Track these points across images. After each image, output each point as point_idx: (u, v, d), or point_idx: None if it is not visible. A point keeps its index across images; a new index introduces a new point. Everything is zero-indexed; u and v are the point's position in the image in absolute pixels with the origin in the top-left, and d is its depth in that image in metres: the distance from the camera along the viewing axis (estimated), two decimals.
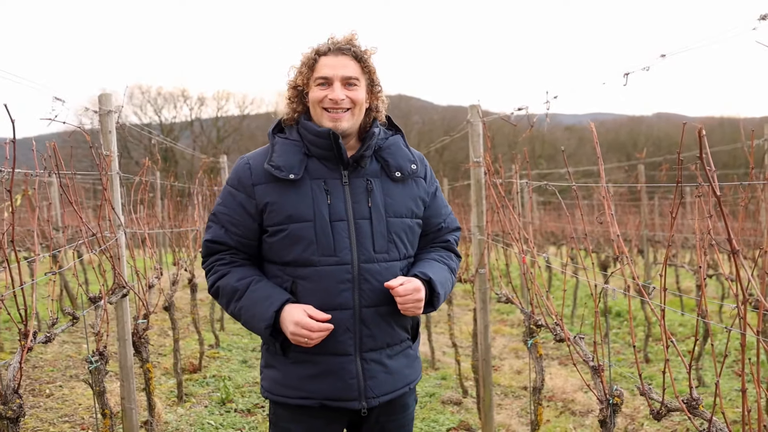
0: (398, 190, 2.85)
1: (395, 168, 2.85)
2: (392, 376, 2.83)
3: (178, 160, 39.73)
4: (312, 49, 2.82)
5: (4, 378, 2.98)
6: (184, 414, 6.26)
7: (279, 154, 2.78)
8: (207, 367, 8.09)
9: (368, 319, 2.75)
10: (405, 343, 2.91)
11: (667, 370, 2.69)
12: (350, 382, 2.74)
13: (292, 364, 2.80)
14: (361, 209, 2.76)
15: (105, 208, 4.58)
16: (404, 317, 2.85)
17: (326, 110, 2.75)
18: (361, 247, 2.74)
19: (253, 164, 2.83)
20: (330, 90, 2.74)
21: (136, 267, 4.95)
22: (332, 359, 2.74)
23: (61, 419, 6.06)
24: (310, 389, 2.77)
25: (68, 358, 8.37)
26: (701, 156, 2.04)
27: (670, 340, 2.70)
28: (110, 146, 4.84)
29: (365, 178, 2.81)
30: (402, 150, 2.92)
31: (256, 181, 2.79)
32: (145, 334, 4.92)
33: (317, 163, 2.78)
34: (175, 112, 52.59)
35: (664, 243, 13.34)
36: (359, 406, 2.75)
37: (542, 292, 4.10)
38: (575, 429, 6.04)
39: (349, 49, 2.79)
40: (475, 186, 5.41)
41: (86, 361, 3.98)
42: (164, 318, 10.59)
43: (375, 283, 2.74)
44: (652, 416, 2.89)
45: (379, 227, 2.77)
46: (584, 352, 3.43)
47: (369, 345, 2.77)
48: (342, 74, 2.75)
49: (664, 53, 2.99)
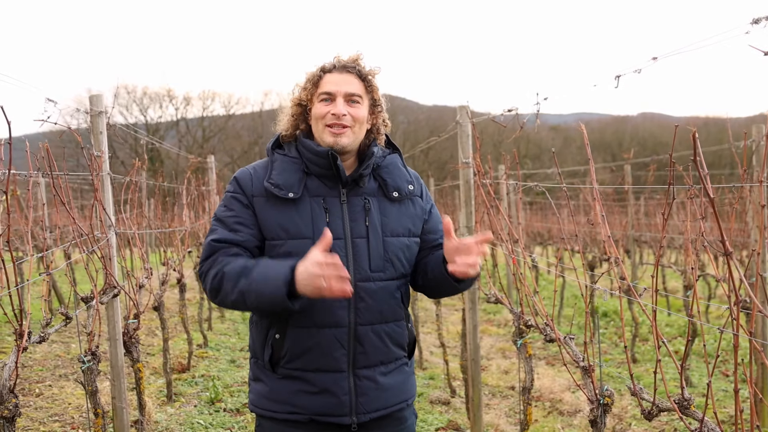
0: (395, 210, 2.86)
1: (393, 188, 2.87)
2: (384, 393, 2.82)
3: (164, 160, 39.64)
4: (317, 67, 2.85)
5: (1, 378, 2.99)
6: (174, 413, 6.27)
7: (278, 172, 2.80)
8: (195, 366, 8.09)
9: (363, 336, 2.74)
10: (400, 360, 2.91)
11: (658, 370, 2.72)
12: (342, 399, 2.74)
13: (280, 380, 2.79)
14: (359, 228, 2.78)
15: (96, 208, 4.59)
16: (400, 335, 2.87)
17: (328, 126, 2.76)
18: (358, 265, 2.74)
19: (255, 176, 2.84)
20: (333, 105, 2.76)
21: (126, 267, 4.95)
22: (325, 376, 2.73)
23: (52, 418, 6.06)
24: (299, 404, 2.76)
25: (57, 357, 8.35)
26: (695, 158, 2.07)
27: (662, 341, 2.72)
28: (101, 147, 4.84)
29: (363, 197, 2.82)
30: (399, 170, 2.94)
31: (256, 193, 2.79)
32: (136, 334, 4.93)
33: (316, 181, 2.80)
34: (161, 111, 52.41)
35: (650, 243, 13.43)
36: (349, 421, 2.75)
37: (532, 293, 4.13)
38: (563, 429, 6.08)
39: (354, 68, 2.82)
40: (464, 187, 5.44)
41: (79, 360, 3.98)
42: (151, 318, 10.58)
43: (370, 302, 2.74)
44: (643, 416, 2.90)
45: (375, 246, 2.77)
46: (574, 352, 3.45)
47: (362, 362, 2.76)
48: (345, 90, 2.77)
49: (656, 56, 3.01)
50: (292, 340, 2.73)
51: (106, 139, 4.95)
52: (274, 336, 2.76)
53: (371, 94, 2.88)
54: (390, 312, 2.81)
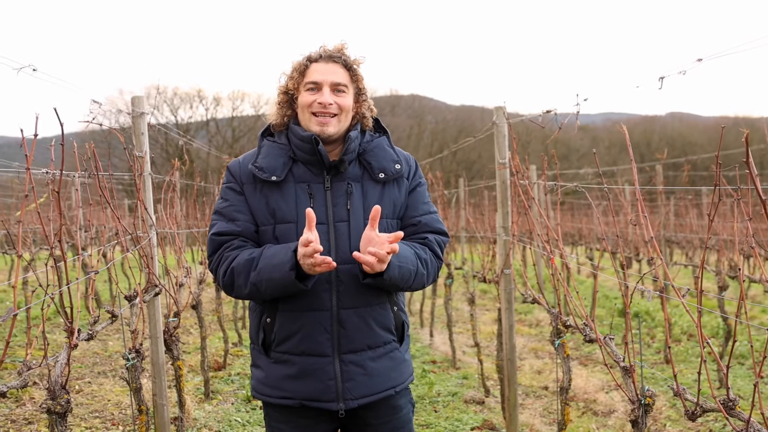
0: (378, 192, 2.90)
1: (378, 170, 2.91)
2: (372, 379, 2.85)
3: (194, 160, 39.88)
4: (304, 56, 2.92)
5: (52, 374, 3.05)
6: (212, 411, 6.34)
7: (264, 156, 2.89)
8: (231, 364, 8.17)
9: (346, 320, 2.79)
10: (390, 345, 2.93)
11: (702, 371, 2.72)
12: (328, 384, 2.78)
13: (273, 364, 2.85)
14: (340, 212, 2.83)
15: (139, 208, 4.65)
16: (385, 318, 2.89)
17: (314, 115, 2.84)
18: (339, 249, 2.78)
19: (242, 164, 2.95)
20: (319, 94, 2.84)
21: (167, 266, 5.01)
22: (310, 360, 2.79)
23: (92, 415, 6.15)
24: (289, 389, 2.82)
25: (95, 354, 8.48)
26: (747, 160, 2.08)
27: (706, 341, 2.73)
28: (143, 147, 4.90)
29: (346, 182, 2.87)
30: (386, 151, 2.98)
31: (245, 180, 2.90)
32: (176, 333, 5.00)
33: (302, 167, 2.87)
34: (191, 112, 52.75)
35: (682, 244, 13.34)
36: (336, 407, 2.79)
37: (572, 293, 4.13)
38: (598, 429, 6.07)
39: (339, 57, 2.90)
40: (501, 187, 5.45)
41: (123, 358, 4.05)
42: (186, 316, 10.67)
43: (352, 286, 2.78)
44: (687, 416, 2.90)
45: (356, 230, 2.80)
46: (614, 352, 3.45)
47: (347, 347, 2.80)
48: (331, 80, 2.85)
49: (701, 57, 3.00)
50: (279, 323, 2.81)
51: (147, 139, 5.02)
52: (266, 320, 2.85)
53: (356, 83, 2.95)
54: (372, 295, 2.83)
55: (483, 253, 7.19)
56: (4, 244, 11.71)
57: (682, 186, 10.83)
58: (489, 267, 6.77)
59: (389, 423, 2.97)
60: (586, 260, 14.63)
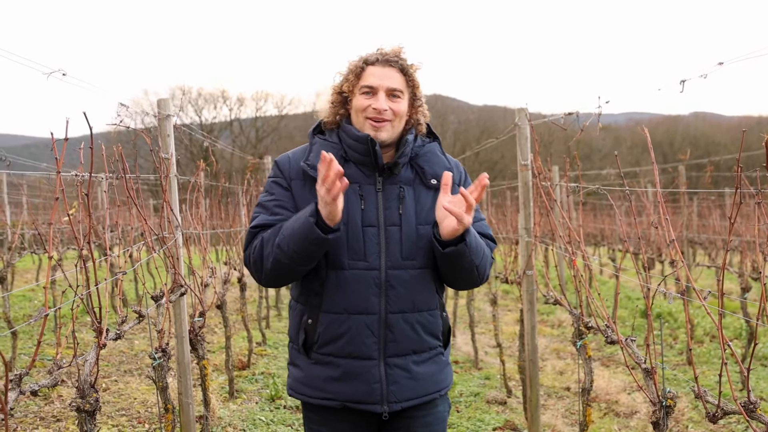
0: (431, 198, 2.84)
1: (431, 175, 2.87)
2: (417, 383, 2.83)
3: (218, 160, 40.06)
4: (360, 58, 2.86)
5: (82, 373, 3.10)
6: (236, 410, 6.41)
7: (316, 154, 2.81)
8: (255, 364, 8.23)
9: (393, 324, 2.75)
10: (435, 350, 2.90)
11: (723, 373, 2.73)
12: (373, 386, 2.76)
13: (314, 365, 2.83)
14: (392, 216, 2.79)
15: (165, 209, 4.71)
16: (433, 324, 2.87)
17: (368, 119, 2.79)
18: (390, 253, 2.75)
19: (293, 159, 2.90)
20: (374, 99, 2.78)
21: (192, 266, 5.07)
22: (356, 362, 2.76)
23: (119, 413, 6.23)
24: (332, 390, 2.80)
25: (121, 353, 8.58)
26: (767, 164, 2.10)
27: (727, 344, 2.73)
28: (168, 149, 4.95)
29: (398, 186, 2.83)
30: (438, 157, 2.94)
31: (294, 176, 2.85)
32: (201, 332, 5.05)
33: (354, 168, 2.82)
34: (215, 112, 53.04)
35: (705, 245, 13.28)
36: (381, 409, 2.77)
37: (594, 295, 4.15)
38: (620, 430, 6.08)
39: (396, 62, 2.83)
40: (523, 189, 5.47)
41: (150, 357, 4.10)
42: (210, 316, 10.76)
43: (401, 290, 2.75)
44: (707, 419, 2.90)
45: (408, 234, 2.77)
46: (636, 354, 3.46)
47: (393, 350, 2.77)
48: (387, 85, 2.79)
49: (722, 61, 3.01)
50: (324, 325, 2.77)
51: (173, 141, 5.07)
52: (307, 321, 2.82)
53: (412, 89, 2.88)
54: (422, 301, 2.81)
55: (505, 254, 7.21)
56: (33, 243, 11.85)
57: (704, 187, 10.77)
58: (511, 268, 6.79)
59: (427, 423, 2.94)
60: (609, 261, 14.60)
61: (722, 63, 3.01)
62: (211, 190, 8.50)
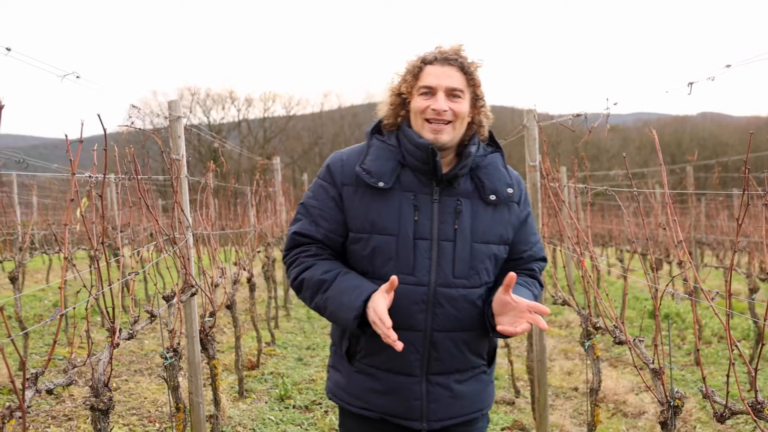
0: (489, 214, 2.71)
1: (490, 191, 2.71)
2: (459, 401, 2.73)
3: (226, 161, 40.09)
4: (418, 57, 2.72)
5: (96, 372, 3.14)
6: (246, 409, 6.44)
7: (373, 158, 2.70)
8: (264, 364, 8.25)
9: (438, 343, 2.64)
10: (479, 369, 2.80)
11: (731, 373, 2.75)
12: (414, 403, 2.67)
13: (356, 373, 2.76)
14: (447, 230, 2.64)
15: (176, 210, 4.74)
16: (480, 344, 2.76)
17: (427, 121, 2.64)
18: (441, 270, 2.62)
19: (346, 162, 2.75)
20: (433, 100, 2.63)
21: (203, 267, 5.10)
22: (397, 378, 2.67)
23: (129, 412, 6.28)
24: (372, 402, 2.73)
25: (131, 353, 8.62)
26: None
27: (735, 344, 2.76)
28: (179, 150, 4.97)
29: (456, 198, 2.68)
30: (499, 171, 2.77)
31: (346, 181, 2.71)
32: (212, 332, 5.09)
33: (410, 174, 2.68)
34: (223, 113, 53.22)
35: (713, 246, 13.28)
36: (420, 426, 2.69)
37: (602, 295, 4.17)
38: (628, 430, 6.10)
39: (456, 60, 2.67)
40: (531, 189, 5.48)
41: (161, 357, 4.14)
42: (219, 316, 10.79)
43: (449, 308, 2.63)
44: (715, 418, 2.92)
45: (462, 252, 2.64)
46: (644, 354, 3.48)
47: (436, 368, 2.67)
48: (447, 85, 2.63)
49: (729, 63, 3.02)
50: (367, 336, 2.66)
51: (184, 142, 5.10)
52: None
53: (473, 88, 2.71)
54: (469, 320, 2.68)
55: None
56: (44, 243, 11.91)
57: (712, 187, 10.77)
58: None
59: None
60: (616, 262, 14.59)
61: (730, 65, 3.02)
62: (220, 190, 8.54)
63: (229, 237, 7.96)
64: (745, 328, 9.93)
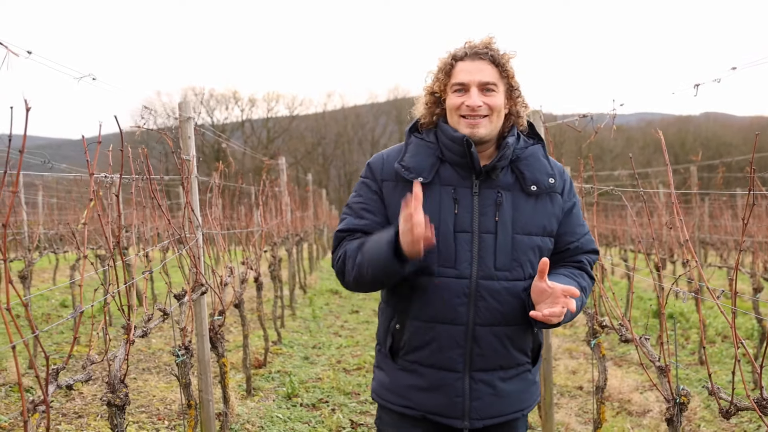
0: (531, 206, 2.68)
1: (531, 181, 2.68)
2: (502, 400, 2.69)
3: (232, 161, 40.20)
4: (449, 54, 2.71)
5: (112, 369, 3.20)
6: (254, 407, 6.49)
7: (411, 154, 2.71)
8: (271, 362, 8.30)
9: (481, 337, 2.61)
10: (523, 366, 2.76)
11: (737, 370, 2.80)
12: (455, 400, 2.64)
13: (399, 371, 2.74)
14: (487, 223, 2.63)
15: (186, 210, 4.79)
16: (524, 340, 2.72)
17: (463, 117, 2.63)
18: (482, 262, 2.61)
19: (386, 161, 2.77)
20: (467, 96, 2.63)
21: (213, 266, 5.15)
22: (440, 374, 2.65)
23: (138, 409, 6.33)
24: (414, 399, 2.70)
25: (139, 351, 8.68)
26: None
27: (740, 342, 2.81)
28: (189, 151, 5.01)
29: (496, 190, 2.66)
30: (540, 162, 2.74)
31: (386, 177, 2.73)
32: (221, 331, 5.15)
33: (450, 169, 2.68)
34: (227, 113, 53.37)
35: (717, 245, 13.31)
36: (461, 425, 2.66)
37: (607, 294, 4.22)
38: (633, 429, 6.14)
39: (486, 53, 2.66)
40: None
41: (173, 354, 4.20)
42: (225, 315, 10.82)
43: (491, 302, 2.60)
44: (721, 415, 2.97)
45: (503, 243, 2.62)
46: (650, 352, 3.52)
47: (479, 364, 2.64)
48: (479, 80, 2.62)
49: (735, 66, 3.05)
50: (410, 331, 2.67)
51: (194, 143, 5.14)
52: (395, 326, 2.72)
53: (507, 80, 2.69)
54: (513, 314, 2.64)
55: None
56: (53, 243, 11.96)
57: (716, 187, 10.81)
58: None
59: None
60: (621, 261, 14.63)
61: (735, 68, 3.05)
62: (225, 190, 8.60)
63: (234, 237, 8.01)
64: (749, 327, 9.97)
